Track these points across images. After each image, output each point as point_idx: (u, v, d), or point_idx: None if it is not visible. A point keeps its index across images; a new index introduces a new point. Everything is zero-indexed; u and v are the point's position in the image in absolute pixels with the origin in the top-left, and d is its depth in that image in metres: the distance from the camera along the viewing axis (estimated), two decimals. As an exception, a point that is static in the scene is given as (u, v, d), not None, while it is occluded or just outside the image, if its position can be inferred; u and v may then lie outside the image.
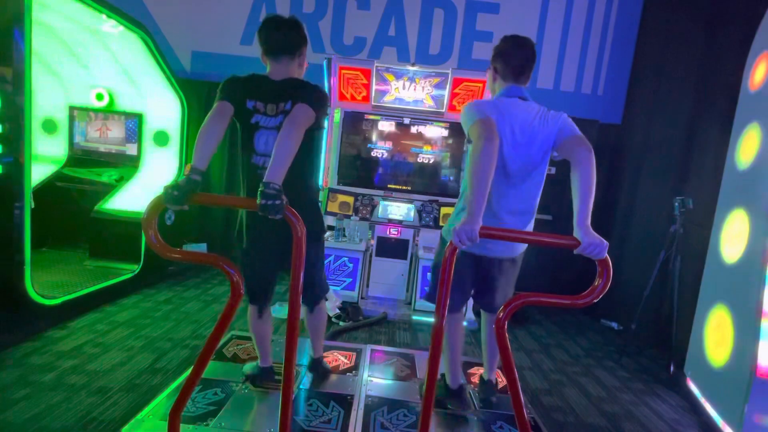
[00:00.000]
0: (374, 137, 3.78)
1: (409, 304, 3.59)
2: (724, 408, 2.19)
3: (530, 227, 1.79)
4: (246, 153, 1.75)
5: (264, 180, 1.36)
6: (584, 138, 1.54)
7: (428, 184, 3.78)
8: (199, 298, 3.42)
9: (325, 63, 3.59)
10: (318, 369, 2.27)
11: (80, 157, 3.93)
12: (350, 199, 3.67)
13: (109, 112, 3.88)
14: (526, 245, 1.85)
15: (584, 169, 1.42)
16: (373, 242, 3.71)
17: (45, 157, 3.84)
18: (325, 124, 2.02)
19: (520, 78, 1.72)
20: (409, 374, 2.41)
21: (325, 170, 3.74)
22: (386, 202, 3.69)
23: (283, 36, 1.71)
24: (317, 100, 1.64)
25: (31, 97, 2.31)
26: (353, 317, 3.24)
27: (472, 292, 2.01)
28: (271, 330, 2.11)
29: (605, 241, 1.29)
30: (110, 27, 3.12)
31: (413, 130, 3.75)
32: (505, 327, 1.30)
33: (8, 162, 2.24)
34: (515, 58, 1.70)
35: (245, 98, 1.68)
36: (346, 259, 3.55)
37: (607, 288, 1.28)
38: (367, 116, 3.75)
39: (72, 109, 3.88)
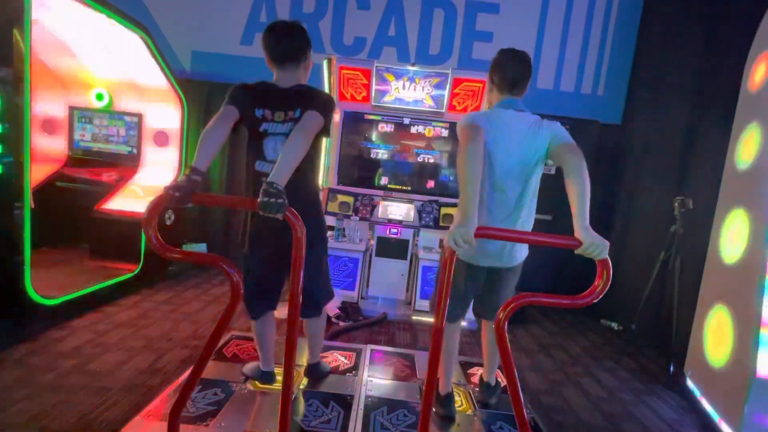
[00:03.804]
0: (374, 137, 3.77)
1: (409, 304, 3.59)
2: (724, 408, 2.19)
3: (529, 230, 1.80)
4: (253, 159, 1.75)
5: (267, 180, 1.36)
6: (576, 146, 1.58)
7: (428, 184, 3.78)
8: (199, 298, 3.42)
9: (325, 63, 3.59)
10: (314, 373, 2.25)
11: (80, 157, 3.93)
12: (350, 199, 3.67)
13: (109, 112, 3.88)
14: (524, 255, 1.86)
15: (577, 175, 1.45)
16: (373, 242, 3.70)
17: (45, 157, 3.84)
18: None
19: (515, 90, 1.76)
20: (409, 374, 2.41)
21: (325, 170, 3.74)
22: (386, 202, 3.69)
23: (287, 43, 1.72)
24: (326, 107, 1.66)
25: (31, 97, 2.31)
26: (353, 317, 3.24)
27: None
28: (274, 334, 2.09)
29: (606, 241, 1.29)
30: (110, 27, 3.12)
31: (413, 130, 3.75)
32: (505, 328, 1.30)
33: (8, 162, 2.24)
34: (511, 70, 1.74)
35: (254, 106, 1.69)
36: (346, 259, 3.55)
37: (607, 288, 1.28)
38: (367, 116, 3.75)
39: (72, 109, 3.88)
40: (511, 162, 1.68)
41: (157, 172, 3.84)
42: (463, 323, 2.63)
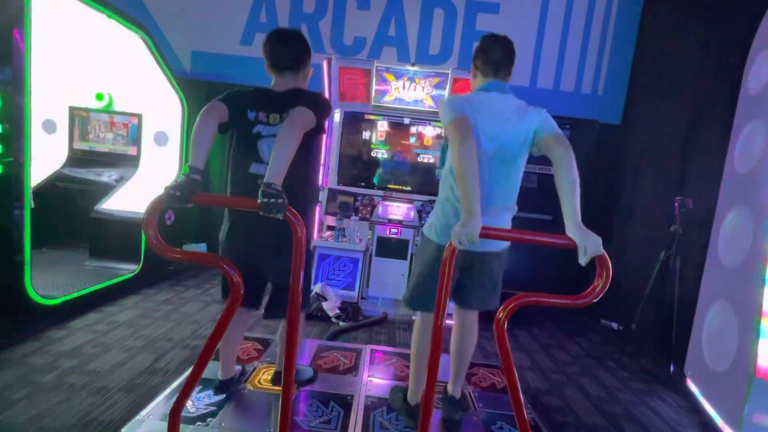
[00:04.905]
0: (374, 137, 3.77)
1: (409, 304, 3.59)
2: (724, 408, 2.19)
3: (509, 223, 1.76)
4: (245, 162, 1.71)
5: (264, 181, 1.36)
6: (563, 136, 1.55)
7: (428, 184, 3.78)
8: (199, 298, 3.42)
9: (325, 63, 3.59)
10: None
11: (80, 157, 3.93)
12: (350, 199, 3.67)
13: (109, 112, 3.88)
14: (507, 243, 1.79)
15: (565, 169, 1.44)
16: (373, 242, 3.70)
17: (45, 157, 3.84)
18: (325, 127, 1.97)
19: (500, 73, 1.73)
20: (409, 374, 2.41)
21: (325, 170, 3.74)
22: (386, 202, 3.69)
23: (286, 52, 1.73)
24: (317, 104, 1.65)
25: (31, 97, 2.31)
26: (353, 317, 3.24)
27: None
28: (242, 336, 2.02)
29: (598, 236, 1.29)
30: (110, 27, 3.13)
31: (413, 130, 3.75)
32: (505, 327, 1.30)
33: (8, 162, 2.24)
34: (494, 53, 1.72)
35: (246, 108, 1.68)
36: (346, 259, 3.55)
37: (607, 288, 1.27)
38: (367, 116, 3.75)
39: (72, 109, 3.88)
40: (493, 146, 1.62)
41: (157, 172, 3.84)
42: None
